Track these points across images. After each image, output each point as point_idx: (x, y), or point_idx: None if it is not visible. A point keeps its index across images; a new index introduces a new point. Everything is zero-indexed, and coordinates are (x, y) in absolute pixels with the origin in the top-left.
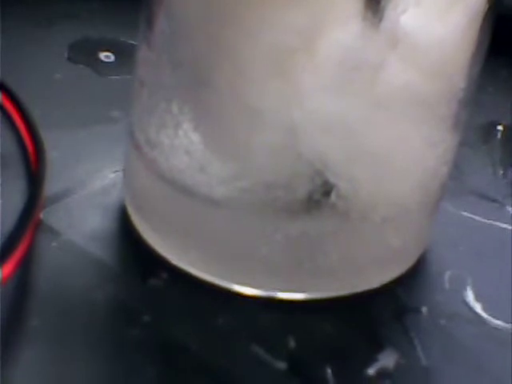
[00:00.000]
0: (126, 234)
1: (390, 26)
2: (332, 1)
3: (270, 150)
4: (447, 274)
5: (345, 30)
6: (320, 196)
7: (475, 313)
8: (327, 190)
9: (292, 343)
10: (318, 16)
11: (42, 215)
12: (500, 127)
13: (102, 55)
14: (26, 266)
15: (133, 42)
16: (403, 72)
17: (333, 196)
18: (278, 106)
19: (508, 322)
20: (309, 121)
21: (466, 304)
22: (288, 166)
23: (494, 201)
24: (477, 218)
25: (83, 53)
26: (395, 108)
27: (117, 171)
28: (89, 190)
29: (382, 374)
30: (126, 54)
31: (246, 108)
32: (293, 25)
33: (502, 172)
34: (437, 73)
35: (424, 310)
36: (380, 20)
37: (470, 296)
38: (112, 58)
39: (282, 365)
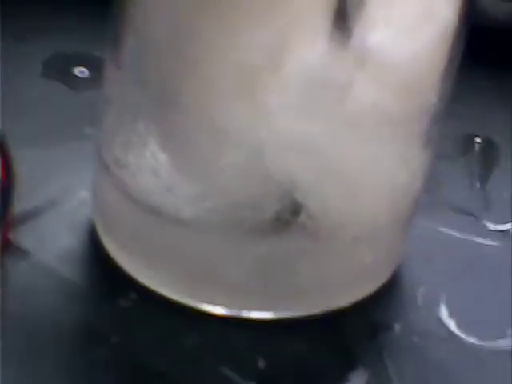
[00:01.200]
0: (96, 254)
1: (358, 45)
2: (299, 19)
3: (238, 169)
4: (421, 291)
5: (312, 49)
6: (289, 216)
7: (449, 330)
8: (296, 209)
9: (262, 363)
10: (285, 34)
11: (10, 234)
12: (478, 139)
13: (77, 70)
14: None
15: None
16: (372, 90)
17: (302, 215)
18: (245, 126)
19: (482, 340)
20: (276, 140)
21: (440, 321)
22: (256, 185)
23: (470, 215)
24: (452, 232)
25: (57, 68)
26: (365, 126)
27: (88, 189)
28: (59, 208)
29: None
30: (100, 69)
31: (213, 127)
32: (259, 43)
33: (479, 185)
34: (407, 90)
35: (397, 327)
36: (348, 39)
37: (443, 313)
38: (86, 73)
39: None
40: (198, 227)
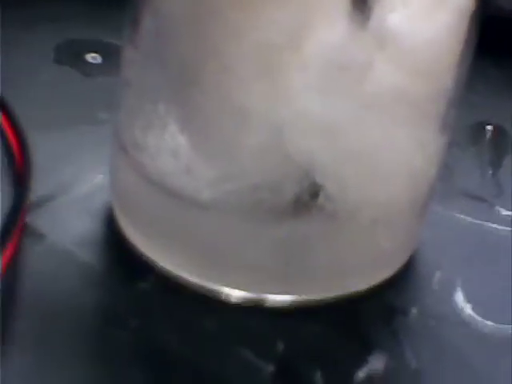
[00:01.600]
0: (113, 237)
1: (378, 27)
2: (319, 0)
3: (257, 150)
4: (437, 276)
5: (332, 30)
6: (308, 198)
7: (465, 314)
8: (315, 191)
9: (280, 346)
10: (306, 15)
11: (27, 219)
12: (489, 127)
13: (89, 56)
14: (11, 270)
15: (119, 43)
16: (391, 72)
17: (321, 197)
18: (265, 106)
19: (498, 324)
20: (296, 121)
21: (456, 305)
22: (275, 167)
23: (484, 201)
24: (466, 218)
25: (69, 54)
26: (383, 108)
27: (103, 173)
28: (75, 193)
29: (372, 376)
30: (112, 55)
31: (233, 108)
32: (280, 23)
33: (491, 172)
34: (424, 73)
35: (413, 311)
36: (367, 20)
37: (459, 297)
38: (99, 59)
39: (270, 368)
40: (217, 209)
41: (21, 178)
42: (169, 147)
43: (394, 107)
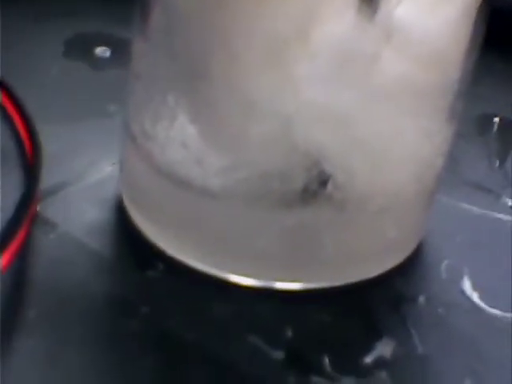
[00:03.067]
0: (123, 226)
1: (385, 18)
2: None
3: (266, 140)
4: (444, 264)
5: (340, 21)
6: (316, 186)
7: (472, 302)
8: (323, 180)
9: (289, 333)
10: (314, 6)
11: (38, 208)
12: (496, 119)
13: (98, 50)
14: (23, 258)
15: (128, 37)
16: (398, 63)
17: (329, 186)
18: (273, 96)
19: (505, 311)
20: (304, 111)
21: (463, 293)
22: (284, 156)
23: (491, 191)
24: (473, 208)
25: (79, 48)
26: (391, 98)
27: (113, 164)
28: (85, 182)
29: (380, 362)
30: (121, 49)
31: (242, 98)
32: (288, 14)
33: (498, 163)
34: (432, 64)
35: (421, 299)
36: (375, 12)
37: (466, 285)
38: (108, 53)
39: (279, 354)
40: (226, 198)
41: (31, 168)
42: (178, 137)
43: (401, 98)
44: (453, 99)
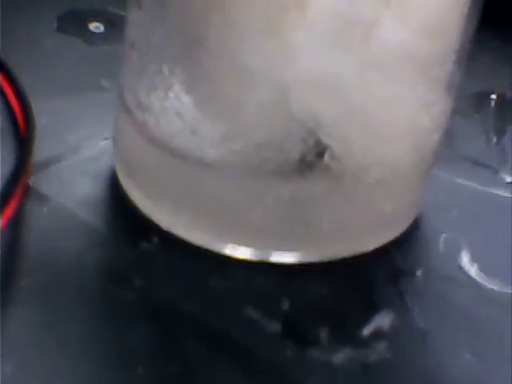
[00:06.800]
0: (117, 199)
1: None
2: None
3: (262, 109)
4: (442, 238)
5: None
6: (313, 157)
7: (470, 276)
8: (320, 151)
9: (286, 305)
10: None
11: (31, 181)
12: (493, 96)
13: (92, 26)
14: (16, 231)
15: (122, 13)
16: (397, 30)
17: (326, 157)
18: (270, 65)
19: (503, 285)
20: (301, 79)
21: (461, 267)
22: (280, 126)
23: (488, 167)
24: (471, 184)
25: (72, 24)
26: (389, 67)
27: (107, 139)
28: (79, 156)
29: (377, 334)
30: (115, 25)
31: (238, 67)
32: None
33: (495, 140)
34: (431, 32)
35: (419, 272)
36: None
37: (464, 259)
38: (101, 28)
39: (275, 326)
40: (222, 169)
41: (24, 141)
42: (173, 108)
43: (399, 66)
44: (451, 69)
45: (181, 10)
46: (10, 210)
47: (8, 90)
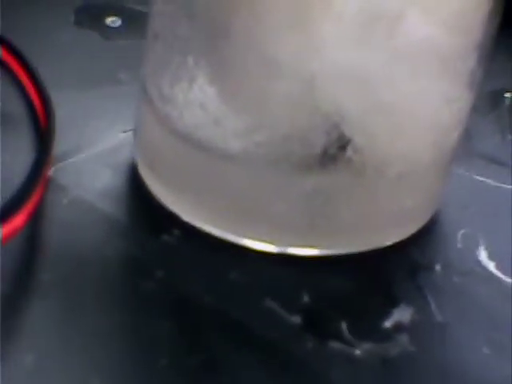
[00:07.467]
0: (137, 191)
1: None
2: None
3: (287, 101)
4: (460, 234)
5: None
6: (336, 150)
7: (488, 271)
8: (343, 144)
9: (306, 298)
10: None
11: (51, 173)
12: (508, 95)
13: (109, 20)
14: (37, 223)
15: (139, 8)
16: (422, 24)
17: (349, 150)
18: (296, 57)
19: None
20: (326, 72)
21: (479, 262)
22: (304, 118)
23: (504, 164)
24: (487, 180)
25: (89, 18)
26: (413, 61)
27: (126, 131)
28: (98, 148)
29: (399, 327)
30: (132, 20)
31: (263, 59)
32: None
33: (510, 137)
34: (455, 26)
35: (437, 267)
36: None
37: (482, 254)
38: (118, 23)
39: (296, 319)
40: (246, 161)
41: (44, 133)
42: (197, 99)
43: (424, 60)
44: (473, 66)
45: (207, 1)
46: (31, 203)
47: (28, 84)
